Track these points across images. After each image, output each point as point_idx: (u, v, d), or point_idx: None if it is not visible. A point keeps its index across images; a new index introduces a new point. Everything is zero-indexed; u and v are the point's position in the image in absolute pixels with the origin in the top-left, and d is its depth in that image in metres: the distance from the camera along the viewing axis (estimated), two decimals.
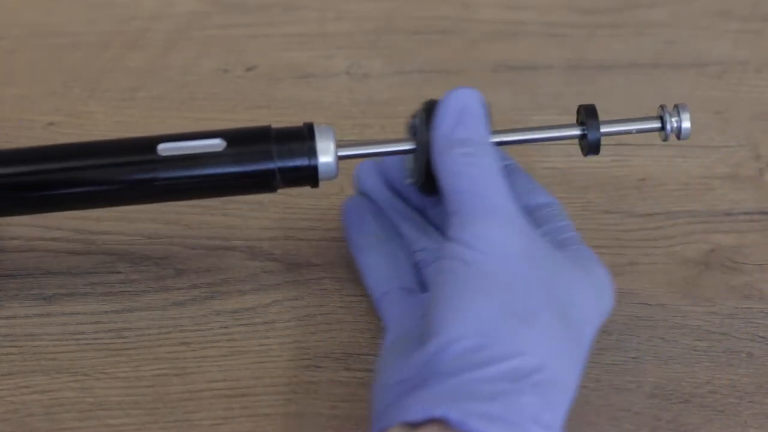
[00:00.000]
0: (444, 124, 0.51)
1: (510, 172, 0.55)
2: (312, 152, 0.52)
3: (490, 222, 0.48)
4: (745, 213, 0.63)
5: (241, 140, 0.52)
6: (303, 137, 0.52)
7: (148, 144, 0.52)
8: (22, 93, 0.70)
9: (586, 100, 0.56)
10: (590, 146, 0.54)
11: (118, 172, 0.52)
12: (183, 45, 0.74)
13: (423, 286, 0.55)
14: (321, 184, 0.53)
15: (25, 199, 0.52)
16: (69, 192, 0.52)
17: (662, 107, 0.54)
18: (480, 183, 0.49)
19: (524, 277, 0.48)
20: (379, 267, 0.56)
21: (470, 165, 0.50)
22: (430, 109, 0.52)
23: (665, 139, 0.55)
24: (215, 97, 0.70)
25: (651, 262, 0.60)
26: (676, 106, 0.54)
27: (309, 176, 0.52)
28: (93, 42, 0.74)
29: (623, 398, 0.54)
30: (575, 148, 0.66)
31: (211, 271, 0.59)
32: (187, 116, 0.68)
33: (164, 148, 0.52)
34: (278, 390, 0.54)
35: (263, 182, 0.52)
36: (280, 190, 0.54)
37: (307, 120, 0.54)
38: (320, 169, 0.52)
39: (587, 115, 0.54)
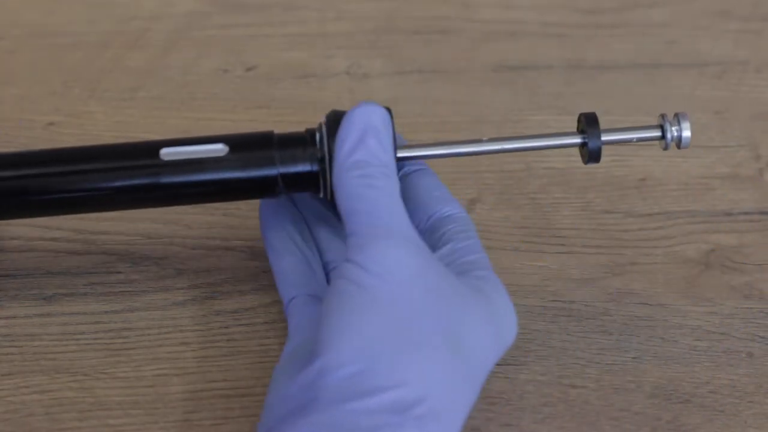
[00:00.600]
0: (344, 145, 0.50)
1: (421, 176, 0.54)
2: (314, 158, 0.52)
3: (385, 245, 0.47)
4: (745, 213, 0.63)
5: (243, 146, 0.52)
6: (305, 143, 0.52)
7: (151, 149, 0.52)
8: (22, 93, 0.70)
9: (586, 100, 0.56)
10: (591, 155, 0.54)
11: (121, 176, 0.52)
12: (183, 45, 0.74)
13: None
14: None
15: (28, 202, 0.53)
16: (71, 196, 0.52)
17: (662, 116, 0.54)
18: (377, 206, 0.48)
19: (416, 306, 0.47)
20: (290, 271, 0.55)
21: (368, 187, 0.49)
22: (332, 122, 0.51)
23: (665, 148, 0.54)
24: (215, 97, 0.70)
25: (651, 262, 0.60)
26: (676, 115, 0.54)
27: (311, 182, 0.52)
28: (93, 42, 0.74)
29: (623, 398, 0.54)
30: (575, 148, 0.66)
31: (211, 271, 0.59)
32: (187, 116, 0.68)
33: (167, 153, 0.52)
34: None
35: (265, 188, 0.52)
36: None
37: (308, 120, 0.54)
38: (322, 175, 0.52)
39: (588, 123, 0.54)
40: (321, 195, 0.53)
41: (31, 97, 0.70)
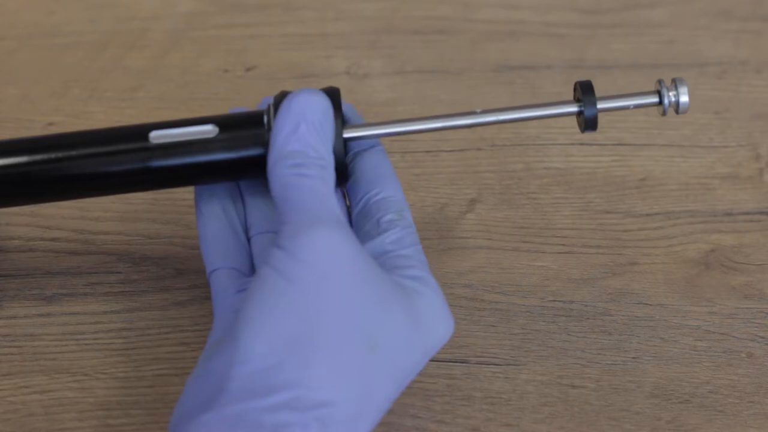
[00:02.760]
0: (280, 134, 0.50)
1: (371, 154, 0.53)
2: None
3: (314, 233, 0.47)
4: (745, 213, 0.63)
5: (233, 126, 0.52)
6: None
7: (140, 132, 0.52)
8: (22, 93, 0.70)
9: None
10: (587, 122, 0.53)
11: (111, 161, 0.52)
12: (183, 45, 0.74)
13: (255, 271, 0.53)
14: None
15: (17, 190, 0.52)
16: (61, 182, 0.52)
17: (660, 81, 0.54)
18: (308, 195, 0.48)
19: (337, 302, 0.46)
20: (216, 240, 0.54)
21: (300, 176, 0.49)
22: (279, 104, 0.51)
23: (663, 113, 0.54)
24: (215, 97, 0.70)
25: (651, 262, 0.60)
26: (673, 80, 0.54)
27: None
28: (93, 42, 0.74)
29: (623, 398, 0.54)
30: (575, 148, 0.66)
31: None
32: (187, 116, 0.68)
33: (156, 136, 0.52)
34: None
35: (256, 167, 0.52)
36: None
37: None
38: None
39: (584, 91, 0.53)
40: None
41: (31, 97, 0.70)
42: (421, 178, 0.65)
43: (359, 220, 0.52)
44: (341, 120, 0.51)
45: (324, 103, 0.50)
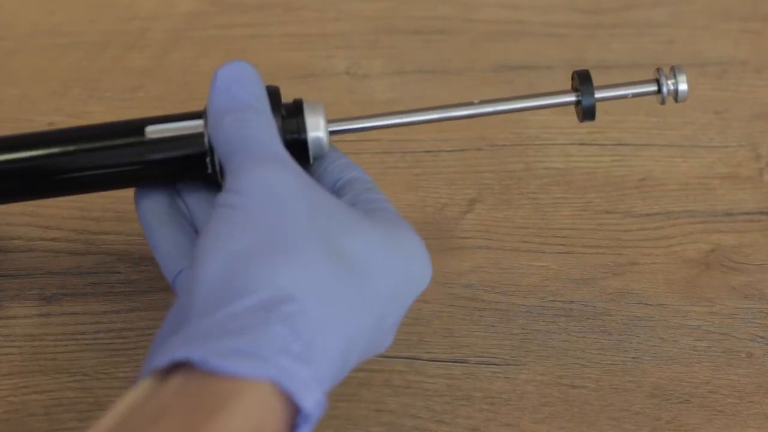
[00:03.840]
0: (213, 101, 0.50)
1: (331, 153, 0.53)
2: (301, 128, 0.52)
3: (259, 168, 0.47)
4: (745, 213, 0.63)
5: None
6: (292, 113, 0.52)
7: (136, 127, 0.52)
8: (22, 93, 0.70)
9: None
10: (585, 112, 0.53)
11: (107, 156, 0.52)
12: (183, 45, 0.74)
13: None
14: (313, 160, 0.52)
15: (13, 186, 0.52)
16: (57, 178, 0.52)
17: (658, 70, 0.53)
18: (251, 140, 0.48)
19: (289, 216, 0.46)
20: (168, 244, 0.54)
21: (241, 128, 0.49)
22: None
23: (662, 102, 0.53)
24: None
25: (651, 262, 0.60)
26: (672, 68, 0.53)
27: (299, 152, 0.52)
28: (93, 42, 0.74)
29: (623, 398, 0.54)
30: (575, 148, 0.66)
31: None
32: None
33: (152, 131, 0.52)
34: None
35: None
36: None
37: None
38: (310, 145, 0.52)
39: (581, 80, 0.53)
40: (209, 171, 0.52)
41: (31, 97, 0.70)
42: (421, 178, 0.65)
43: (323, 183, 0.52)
44: (280, 115, 0.51)
45: (247, 66, 0.51)
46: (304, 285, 0.44)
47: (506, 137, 0.67)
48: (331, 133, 0.53)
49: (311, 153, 0.52)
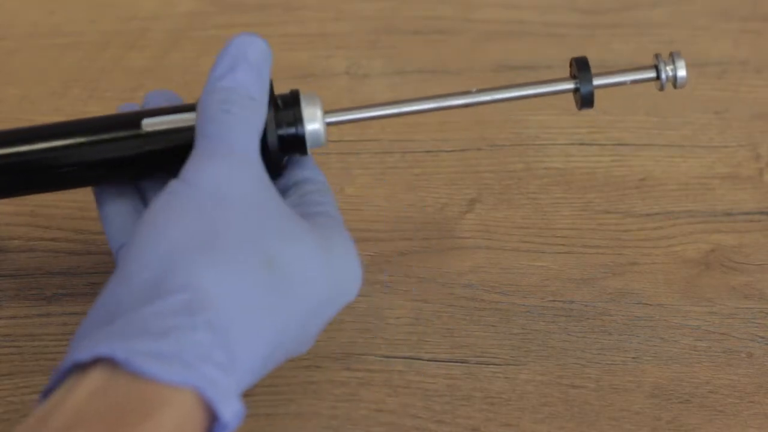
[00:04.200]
0: (214, 71, 0.50)
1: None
2: (298, 119, 0.52)
3: (218, 162, 0.47)
4: (745, 213, 0.63)
5: None
6: (288, 105, 0.52)
7: (132, 120, 0.52)
8: (22, 93, 0.70)
9: None
10: (583, 99, 0.53)
11: (104, 149, 0.52)
12: (183, 45, 0.74)
13: None
14: (310, 151, 0.52)
15: (11, 180, 0.52)
16: (54, 172, 0.52)
17: (657, 56, 0.53)
18: (227, 131, 0.48)
19: (227, 216, 0.46)
20: (117, 217, 0.54)
21: (225, 113, 0.48)
22: None
23: (661, 88, 0.53)
24: None
25: (651, 262, 0.60)
26: (671, 54, 0.53)
27: (296, 144, 0.52)
28: (93, 42, 0.74)
29: (623, 398, 0.54)
30: (575, 148, 0.66)
31: None
32: None
33: (148, 123, 0.52)
34: (278, 390, 0.54)
35: None
36: None
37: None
38: (308, 136, 0.52)
39: (579, 68, 0.53)
40: None
41: (31, 97, 0.70)
42: (421, 178, 0.65)
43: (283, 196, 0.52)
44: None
45: (264, 46, 0.51)
46: (231, 291, 0.44)
47: (506, 137, 0.67)
48: (328, 124, 0.52)
49: (308, 144, 0.52)
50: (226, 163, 0.47)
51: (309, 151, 0.52)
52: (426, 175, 0.65)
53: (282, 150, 0.52)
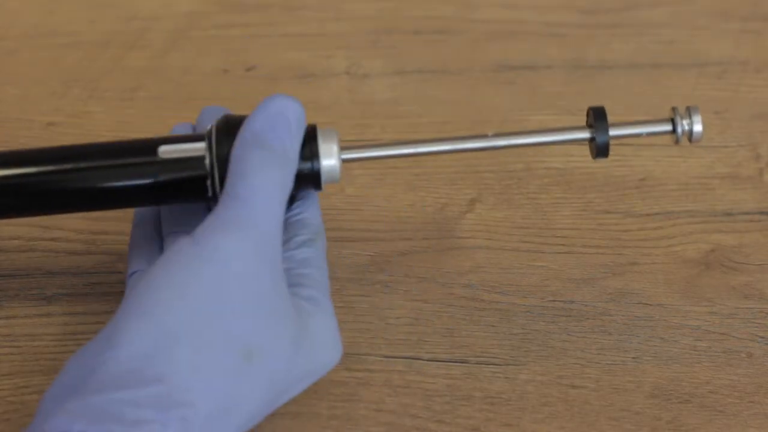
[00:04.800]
0: (256, 122, 0.49)
1: None
2: (315, 155, 0.52)
3: (237, 237, 0.46)
4: (745, 213, 0.63)
5: None
6: (305, 140, 0.52)
7: (149, 146, 0.52)
8: (22, 93, 0.70)
9: (586, 100, 0.56)
10: (599, 149, 0.54)
11: (119, 174, 0.52)
12: (183, 45, 0.74)
13: None
14: (324, 187, 0.53)
15: (26, 201, 0.52)
16: (69, 195, 0.52)
17: (674, 109, 0.54)
18: (259, 194, 0.47)
19: (222, 309, 0.45)
20: (136, 244, 0.54)
21: (261, 170, 0.48)
22: (225, 128, 0.51)
23: (677, 141, 0.54)
24: (215, 97, 0.70)
25: (651, 262, 0.60)
26: (687, 109, 0.54)
27: (311, 179, 0.52)
28: (93, 42, 0.74)
29: (623, 398, 0.54)
30: (575, 148, 0.66)
31: None
32: (187, 116, 0.68)
33: (165, 151, 0.52)
34: None
35: None
36: None
37: (308, 120, 0.53)
38: (323, 172, 0.52)
39: (596, 117, 0.54)
40: (210, 194, 0.52)
41: (31, 97, 0.70)
42: (421, 178, 0.65)
43: None
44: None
45: (301, 110, 0.51)
46: (209, 387, 0.44)
47: None
48: (344, 160, 0.53)
49: (323, 180, 0.52)
50: (244, 239, 0.46)
51: (323, 186, 0.52)
52: (426, 175, 0.65)
53: (295, 185, 0.52)
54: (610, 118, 0.54)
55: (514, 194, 0.64)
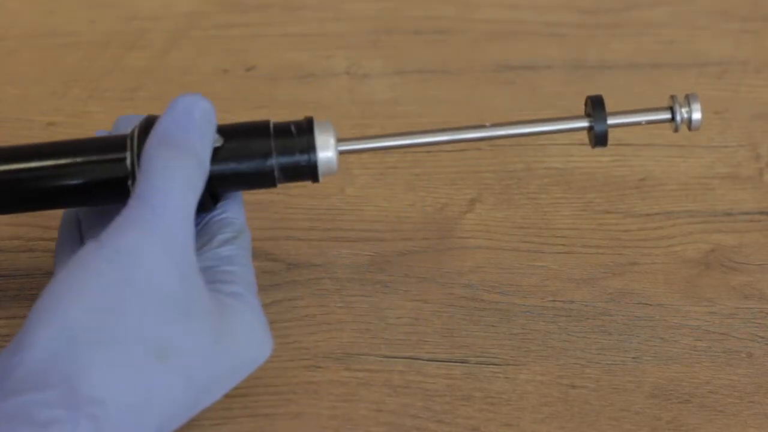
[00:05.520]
0: (163, 122, 0.49)
1: None
2: (311, 147, 0.52)
3: (141, 233, 0.46)
4: (745, 213, 0.63)
5: (239, 136, 0.52)
6: (302, 132, 0.52)
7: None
8: (22, 93, 0.70)
9: None
10: (598, 138, 0.53)
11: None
12: (183, 45, 0.74)
13: None
14: (322, 179, 0.53)
15: (27, 196, 0.52)
16: (66, 190, 0.52)
17: (672, 97, 0.54)
18: (165, 191, 0.47)
19: (133, 299, 0.45)
20: (60, 246, 0.54)
21: (166, 168, 0.48)
22: (150, 123, 0.51)
23: (676, 130, 0.54)
24: (215, 97, 0.69)
25: (651, 262, 0.60)
26: (686, 96, 0.54)
27: (309, 171, 0.52)
28: (93, 42, 0.74)
29: (623, 398, 0.54)
30: (576, 148, 0.66)
31: None
32: None
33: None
34: (278, 390, 0.54)
35: (262, 178, 0.52)
36: (280, 189, 0.53)
37: None
38: (320, 165, 0.52)
39: (594, 106, 0.53)
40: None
41: (31, 97, 0.70)
42: (421, 178, 0.65)
43: (198, 237, 0.51)
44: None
45: (209, 107, 0.51)
46: (119, 384, 0.44)
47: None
48: (341, 152, 0.53)
49: (320, 172, 0.52)
50: (148, 236, 0.46)
51: (321, 178, 0.52)
52: (426, 175, 0.65)
53: (293, 178, 0.52)
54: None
55: (514, 194, 0.64)
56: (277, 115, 0.69)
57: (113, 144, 0.52)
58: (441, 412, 0.54)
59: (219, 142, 0.52)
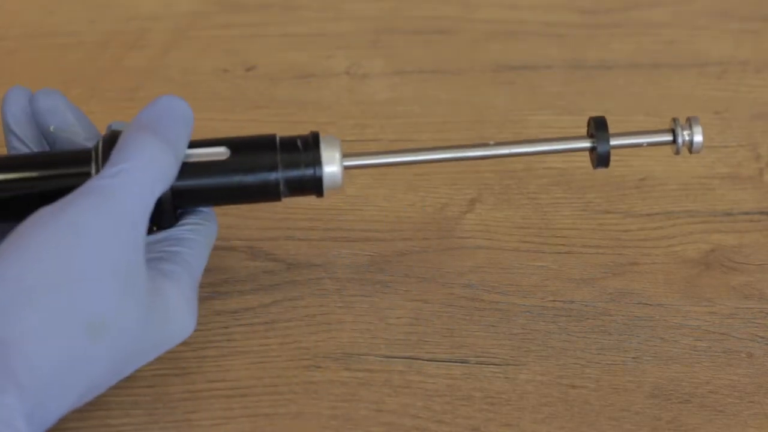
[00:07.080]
0: (144, 113, 0.50)
1: None
2: (317, 162, 0.52)
3: (95, 203, 0.47)
4: (745, 213, 0.63)
5: (245, 149, 0.52)
6: (308, 147, 0.52)
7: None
8: None
9: (586, 100, 0.56)
10: (600, 159, 0.54)
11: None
12: (183, 45, 0.74)
13: None
14: (326, 194, 0.53)
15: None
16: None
17: (674, 120, 0.54)
18: (132, 168, 0.48)
19: (72, 275, 0.46)
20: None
21: (134, 149, 0.49)
22: (109, 142, 0.51)
23: (677, 152, 0.55)
24: (215, 97, 0.70)
25: (651, 262, 0.60)
26: (688, 119, 0.54)
27: (314, 186, 0.53)
28: (93, 42, 0.74)
29: (623, 398, 0.54)
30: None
31: (211, 271, 0.59)
32: None
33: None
34: (278, 390, 0.54)
35: (267, 191, 0.52)
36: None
37: (308, 120, 0.54)
38: (325, 179, 0.52)
39: (597, 127, 0.54)
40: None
41: None
42: (421, 178, 0.65)
43: None
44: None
45: (189, 111, 0.51)
46: (47, 352, 0.45)
47: (506, 137, 0.67)
48: (346, 167, 0.53)
49: (325, 186, 0.53)
50: (103, 209, 0.47)
51: (325, 193, 0.53)
52: (426, 175, 0.65)
53: (297, 191, 0.53)
54: (610, 118, 0.54)
55: (514, 194, 0.64)
56: (277, 115, 0.69)
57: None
58: (441, 412, 0.54)
59: (225, 155, 0.52)
